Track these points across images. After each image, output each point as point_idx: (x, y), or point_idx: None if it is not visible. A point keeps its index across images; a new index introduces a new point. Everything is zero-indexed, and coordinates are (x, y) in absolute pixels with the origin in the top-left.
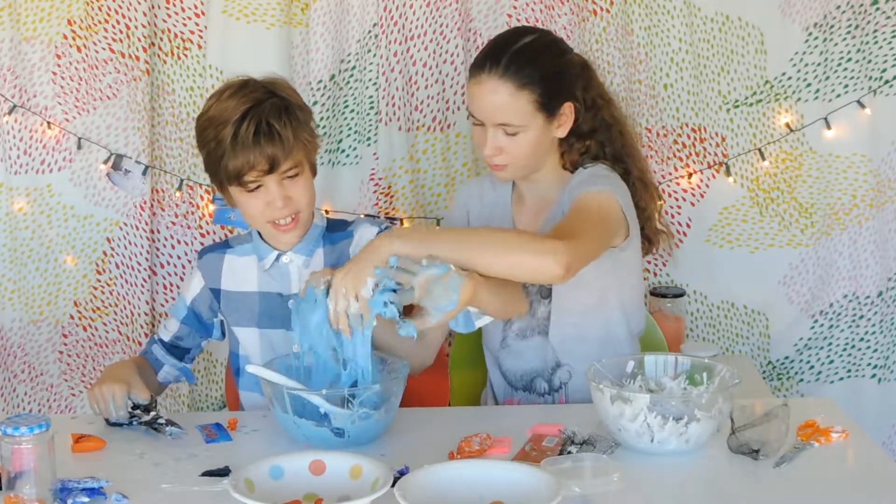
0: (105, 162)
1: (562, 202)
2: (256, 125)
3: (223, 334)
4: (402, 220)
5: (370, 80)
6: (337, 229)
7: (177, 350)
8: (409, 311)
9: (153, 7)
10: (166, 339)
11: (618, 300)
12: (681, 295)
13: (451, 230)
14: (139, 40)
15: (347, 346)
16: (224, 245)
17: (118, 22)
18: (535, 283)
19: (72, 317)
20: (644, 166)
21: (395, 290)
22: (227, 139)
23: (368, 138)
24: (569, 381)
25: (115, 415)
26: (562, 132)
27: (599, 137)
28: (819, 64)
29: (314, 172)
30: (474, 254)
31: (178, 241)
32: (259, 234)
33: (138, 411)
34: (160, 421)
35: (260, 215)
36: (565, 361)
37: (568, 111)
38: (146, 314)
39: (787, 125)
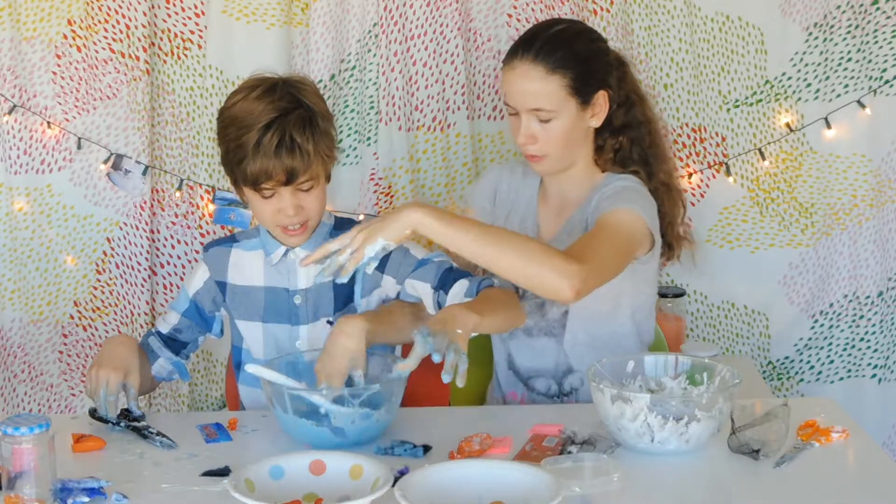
0: (105, 162)
1: (586, 207)
2: (280, 137)
3: (222, 331)
4: None
5: (370, 80)
6: (344, 228)
7: (174, 343)
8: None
9: (153, 7)
10: (164, 331)
11: (629, 308)
12: (681, 295)
13: (478, 223)
14: (139, 40)
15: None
16: (230, 240)
17: (118, 22)
18: (543, 297)
19: (72, 317)
20: (670, 170)
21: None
22: (250, 145)
23: (368, 138)
24: (580, 388)
25: (103, 403)
26: (596, 122)
27: (631, 135)
28: (819, 64)
29: (328, 180)
30: (498, 254)
31: (178, 241)
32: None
33: (124, 419)
34: (150, 430)
35: (270, 219)
36: (577, 368)
37: (602, 100)
38: (146, 314)
39: (788, 125)
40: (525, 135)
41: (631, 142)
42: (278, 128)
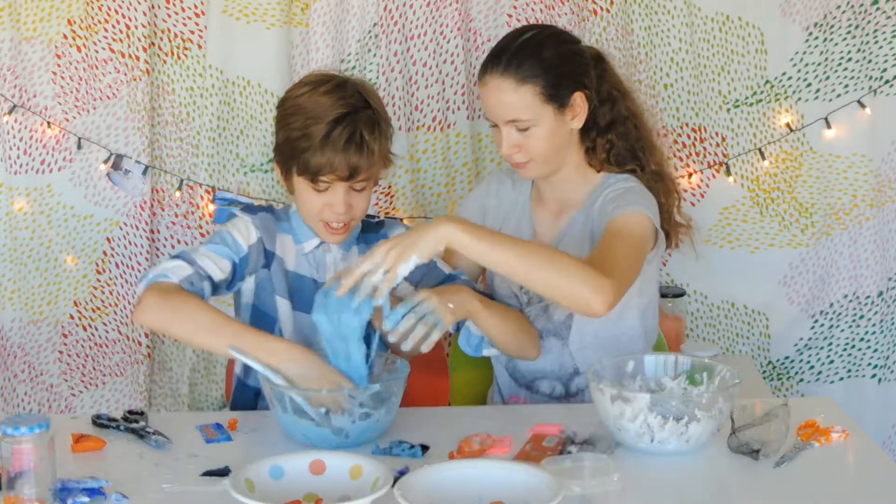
0: (105, 162)
1: (589, 209)
2: (350, 133)
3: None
4: (402, 220)
5: (370, 80)
6: (370, 230)
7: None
8: None
9: (153, 7)
10: (217, 277)
11: (638, 309)
12: (681, 295)
13: (509, 237)
14: (139, 40)
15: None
16: (271, 212)
17: (118, 22)
18: (572, 310)
19: (72, 317)
20: (660, 160)
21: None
22: (317, 137)
23: None
24: (586, 388)
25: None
26: (577, 123)
27: (618, 131)
28: (819, 64)
29: (376, 184)
30: (530, 268)
31: (178, 241)
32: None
33: (121, 421)
34: (147, 430)
35: (317, 213)
36: (584, 370)
37: (579, 101)
38: None
39: (788, 125)
40: (508, 145)
41: (622, 138)
42: (349, 124)
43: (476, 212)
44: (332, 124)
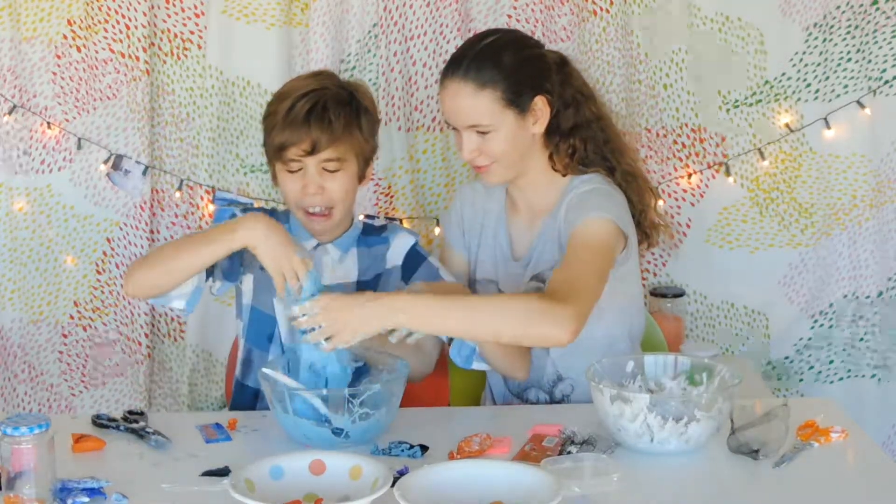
0: (105, 162)
1: (556, 213)
2: (312, 105)
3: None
4: (401, 220)
5: (370, 80)
6: (371, 233)
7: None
8: None
9: (153, 7)
10: None
11: (616, 309)
12: (681, 295)
13: (458, 301)
14: (139, 40)
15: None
16: (271, 214)
17: (118, 22)
18: (541, 347)
19: (72, 317)
20: (632, 160)
21: None
22: (282, 112)
23: None
24: (571, 394)
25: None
26: (539, 128)
27: (583, 135)
28: (819, 64)
29: (362, 178)
30: (487, 327)
31: None
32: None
33: (121, 421)
34: (147, 430)
35: (295, 198)
36: (567, 375)
37: (541, 105)
38: (146, 314)
39: (787, 125)
40: (468, 150)
41: (585, 142)
42: (313, 97)
43: (456, 223)
44: (297, 99)
